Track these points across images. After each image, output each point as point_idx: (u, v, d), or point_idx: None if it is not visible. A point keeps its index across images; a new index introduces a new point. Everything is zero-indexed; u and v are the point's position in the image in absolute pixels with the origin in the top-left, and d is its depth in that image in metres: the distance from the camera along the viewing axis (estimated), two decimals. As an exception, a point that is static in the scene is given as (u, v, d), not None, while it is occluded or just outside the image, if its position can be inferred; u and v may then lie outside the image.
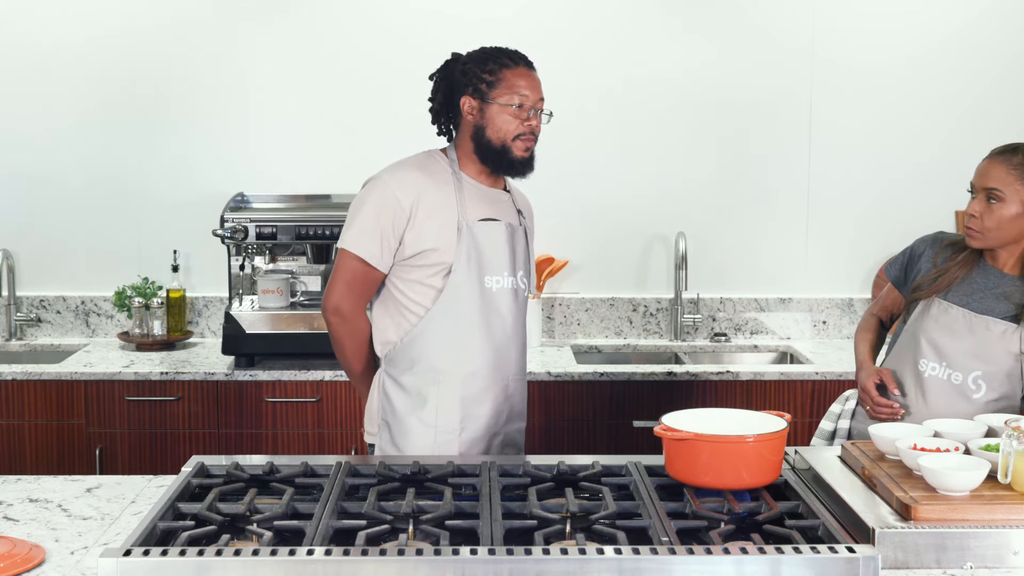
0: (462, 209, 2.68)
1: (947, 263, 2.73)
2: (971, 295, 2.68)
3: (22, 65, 4.31)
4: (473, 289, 2.68)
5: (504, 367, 2.75)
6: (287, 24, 4.33)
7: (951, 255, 2.74)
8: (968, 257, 2.72)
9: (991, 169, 2.62)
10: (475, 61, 2.70)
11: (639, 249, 4.48)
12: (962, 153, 4.44)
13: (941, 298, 2.70)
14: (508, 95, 2.66)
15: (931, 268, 2.75)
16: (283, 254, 4.13)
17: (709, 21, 4.38)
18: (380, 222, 2.64)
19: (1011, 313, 2.62)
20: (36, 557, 2.02)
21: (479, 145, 2.70)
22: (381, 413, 2.74)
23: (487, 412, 2.73)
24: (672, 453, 2.24)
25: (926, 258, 2.79)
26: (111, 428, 3.86)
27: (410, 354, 2.70)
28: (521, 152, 2.70)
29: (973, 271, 2.70)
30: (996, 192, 2.60)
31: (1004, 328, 2.62)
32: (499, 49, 2.74)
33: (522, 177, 2.76)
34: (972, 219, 2.64)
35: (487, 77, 2.67)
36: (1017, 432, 2.09)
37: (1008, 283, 2.67)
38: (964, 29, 4.41)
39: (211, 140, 4.36)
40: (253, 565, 1.85)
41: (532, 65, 2.74)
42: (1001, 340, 2.62)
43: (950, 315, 2.67)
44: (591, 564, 1.85)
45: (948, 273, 2.70)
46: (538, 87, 2.72)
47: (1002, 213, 2.60)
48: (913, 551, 1.99)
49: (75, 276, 4.41)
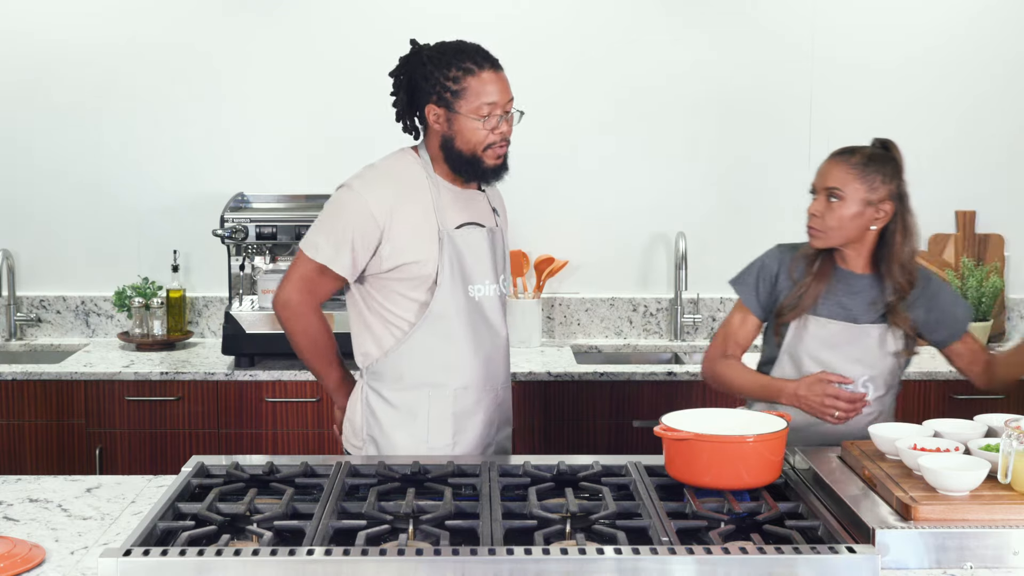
0: (440, 216, 2.59)
1: (805, 277, 2.70)
2: (841, 305, 2.69)
3: (22, 65, 4.31)
4: (459, 300, 2.60)
5: (494, 377, 2.69)
6: (287, 24, 4.33)
7: (805, 267, 2.72)
8: (823, 267, 2.70)
9: (831, 169, 2.65)
10: (437, 65, 2.55)
11: (639, 249, 4.48)
12: (962, 153, 4.46)
13: (813, 315, 2.69)
14: (476, 104, 2.53)
15: (790, 284, 2.73)
16: (283, 254, 4.12)
17: (709, 21, 4.38)
18: (350, 234, 2.54)
19: (880, 314, 2.68)
20: (36, 557, 2.02)
21: (449, 155, 2.59)
22: (367, 428, 2.66)
23: (480, 423, 2.67)
24: (672, 453, 2.24)
25: (784, 275, 2.75)
26: (111, 428, 3.86)
27: (396, 369, 2.61)
28: (493, 160, 2.59)
29: (832, 280, 2.71)
30: (836, 191, 2.62)
31: (880, 331, 2.68)
32: (461, 49, 2.58)
33: (497, 181, 2.68)
34: (814, 218, 2.66)
35: (452, 86, 2.54)
36: (1017, 432, 2.09)
37: (866, 284, 2.70)
38: (964, 28, 4.41)
39: (211, 140, 4.36)
40: (253, 565, 1.85)
41: (498, 64, 2.59)
42: (880, 343, 2.68)
43: (829, 329, 2.68)
44: (591, 564, 1.85)
45: (810, 289, 2.69)
46: (506, 88, 2.58)
47: (842, 212, 2.62)
48: (913, 551, 1.99)
49: (75, 276, 4.41)
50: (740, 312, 2.80)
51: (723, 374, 2.76)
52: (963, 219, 4.47)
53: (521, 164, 4.36)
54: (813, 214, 2.66)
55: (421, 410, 2.62)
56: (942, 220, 4.47)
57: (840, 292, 2.70)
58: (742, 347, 2.81)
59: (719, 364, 2.78)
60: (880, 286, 2.69)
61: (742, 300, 2.79)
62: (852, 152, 2.66)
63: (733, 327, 2.80)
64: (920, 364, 4.03)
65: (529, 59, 4.37)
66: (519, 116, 2.63)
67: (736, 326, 2.80)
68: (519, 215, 4.38)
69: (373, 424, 2.65)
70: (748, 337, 2.80)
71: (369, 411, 2.66)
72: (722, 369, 2.77)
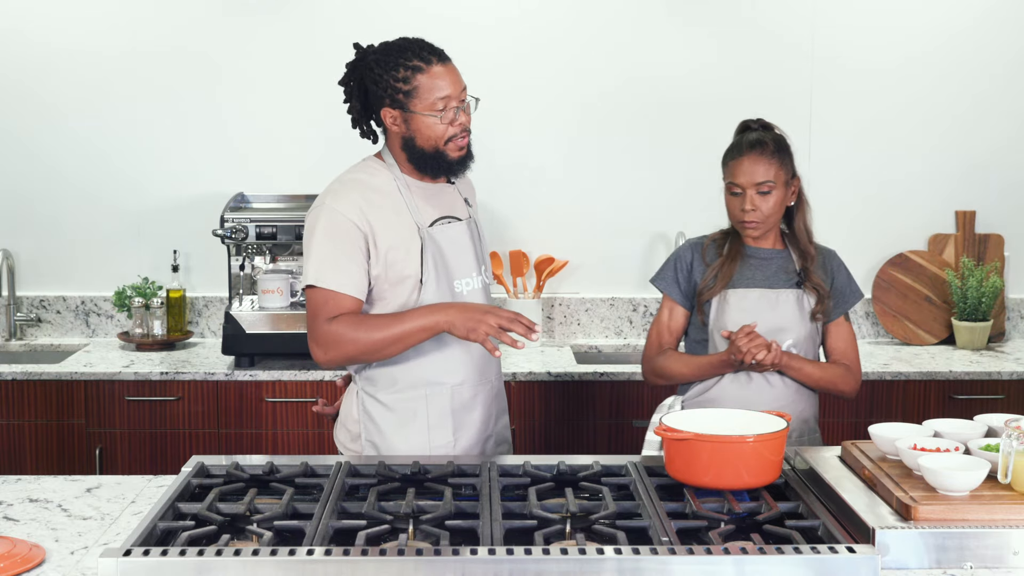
0: (416, 216, 2.58)
1: (718, 259, 2.85)
2: (755, 277, 2.83)
3: (23, 65, 4.31)
4: (445, 297, 2.58)
5: (488, 369, 2.69)
6: (287, 24, 4.33)
7: (716, 251, 2.87)
8: (733, 247, 2.86)
9: (755, 166, 2.77)
10: (384, 67, 2.54)
11: (639, 249, 4.48)
12: (962, 153, 4.46)
13: (731, 288, 2.82)
14: (430, 100, 2.52)
15: (704, 269, 2.86)
16: (283, 254, 4.13)
17: (710, 20, 4.38)
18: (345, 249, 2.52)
19: (794, 281, 2.83)
20: (36, 557, 2.02)
21: (411, 154, 2.58)
22: (365, 433, 2.64)
23: (479, 417, 2.67)
24: (672, 453, 2.24)
25: (697, 262, 2.88)
26: (111, 428, 3.86)
27: (390, 372, 2.60)
28: (456, 152, 2.58)
29: (744, 257, 2.85)
30: (767, 184, 2.77)
31: (795, 296, 2.82)
32: (404, 47, 2.55)
33: (465, 172, 2.66)
34: (751, 214, 2.78)
35: (403, 87, 2.52)
36: (1017, 432, 2.09)
37: (775, 256, 2.86)
38: (964, 29, 4.41)
39: (211, 141, 4.36)
40: (253, 565, 1.85)
41: (444, 56, 2.56)
42: (797, 308, 2.81)
43: (749, 299, 2.81)
44: (591, 564, 1.85)
45: (724, 268, 2.83)
46: (457, 79, 2.55)
47: (774, 201, 2.78)
48: (913, 551, 1.99)
49: (75, 276, 4.41)
50: (667, 306, 2.93)
51: (663, 366, 2.88)
52: (963, 219, 4.47)
53: (521, 164, 4.39)
54: (749, 210, 2.77)
55: (420, 411, 2.61)
56: (942, 220, 4.48)
57: (753, 267, 2.85)
58: (676, 337, 2.94)
59: (657, 359, 2.91)
60: (789, 257, 2.86)
61: (666, 294, 2.92)
62: (761, 144, 2.80)
63: (663, 321, 2.93)
64: (920, 364, 4.03)
65: (530, 59, 4.37)
66: (475, 103, 2.62)
67: (666, 320, 2.93)
68: (519, 215, 4.40)
69: (372, 429, 2.64)
70: (679, 326, 2.93)
71: (367, 417, 2.64)
72: (661, 362, 2.89)
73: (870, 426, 2.39)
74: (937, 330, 4.40)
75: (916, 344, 4.39)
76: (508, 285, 4.36)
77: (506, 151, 4.31)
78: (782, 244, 2.89)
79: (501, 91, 4.25)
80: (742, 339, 2.68)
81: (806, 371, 2.78)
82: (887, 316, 4.42)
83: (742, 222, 2.81)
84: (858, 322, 4.49)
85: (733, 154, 2.83)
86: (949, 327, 4.39)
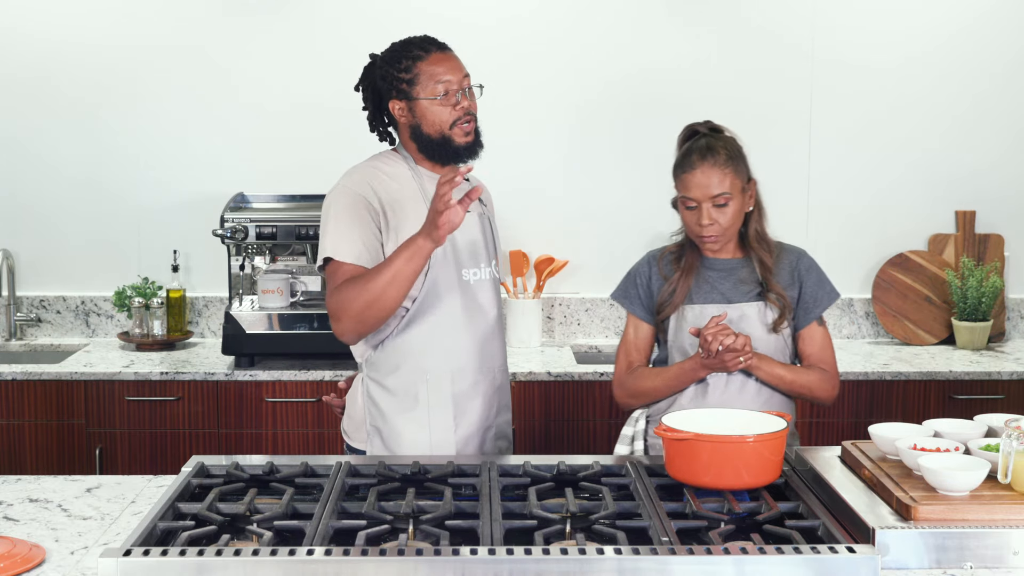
0: (429, 202, 2.61)
1: (674, 273, 2.73)
2: (715, 291, 2.70)
3: (23, 64, 4.31)
4: (452, 284, 2.64)
5: (490, 359, 2.73)
6: (287, 24, 4.33)
7: (672, 264, 2.75)
8: (689, 259, 2.72)
9: (709, 178, 2.62)
10: (388, 62, 2.64)
11: (639, 249, 4.42)
12: (962, 153, 4.46)
13: (688, 304, 2.70)
14: (431, 86, 2.60)
15: (662, 283, 2.74)
16: (283, 254, 4.13)
17: (710, 21, 4.38)
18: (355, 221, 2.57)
19: (755, 292, 2.69)
20: (36, 557, 2.02)
21: (420, 143, 2.65)
22: (369, 419, 2.68)
23: (479, 406, 2.70)
24: (672, 453, 2.24)
25: (655, 275, 2.76)
26: (111, 428, 3.86)
27: (394, 357, 2.65)
28: (463, 138, 2.62)
29: (700, 270, 2.72)
30: (723, 196, 2.62)
31: (756, 308, 2.67)
32: (407, 42, 2.67)
33: (474, 159, 2.68)
34: (709, 228, 2.64)
35: (404, 76, 2.61)
36: (1017, 432, 2.09)
37: (734, 267, 2.72)
38: (964, 29, 4.41)
39: (211, 140, 4.36)
40: (253, 565, 1.85)
41: (445, 46, 2.66)
42: (760, 320, 2.67)
43: (707, 314, 2.66)
44: (591, 564, 1.85)
45: (680, 283, 2.70)
46: (458, 65, 2.63)
47: (732, 211, 2.64)
48: (913, 551, 1.99)
49: (75, 276, 4.41)
50: (631, 323, 2.81)
51: (635, 385, 2.75)
52: (963, 219, 4.47)
53: (522, 164, 4.39)
54: (708, 224, 2.63)
55: (420, 394, 2.65)
56: (942, 220, 4.48)
57: (712, 279, 2.71)
58: (644, 355, 2.81)
59: (628, 380, 2.77)
60: (748, 266, 2.71)
61: (628, 311, 2.81)
62: (712, 152, 2.64)
63: (629, 339, 2.81)
64: (920, 364, 4.03)
65: (530, 59, 4.37)
66: (480, 90, 2.67)
67: (632, 337, 2.81)
68: (520, 215, 4.39)
69: (376, 415, 2.68)
70: (646, 343, 2.81)
71: (371, 402, 2.69)
72: (632, 381, 2.76)
73: (870, 426, 2.38)
74: (937, 330, 4.40)
75: (916, 344, 4.39)
76: (508, 285, 4.36)
77: (506, 151, 4.31)
78: (742, 252, 2.74)
79: (501, 91, 4.25)
80: (711, 328, 2.53)
81: (776, 372, 2.62)
82: (887, 316, 4.42)
83: (700, 236, 2.67)
84: (858, 322, 4.49)
85: (684, 166, 2.67)
86: (949, 327, 4.39)
